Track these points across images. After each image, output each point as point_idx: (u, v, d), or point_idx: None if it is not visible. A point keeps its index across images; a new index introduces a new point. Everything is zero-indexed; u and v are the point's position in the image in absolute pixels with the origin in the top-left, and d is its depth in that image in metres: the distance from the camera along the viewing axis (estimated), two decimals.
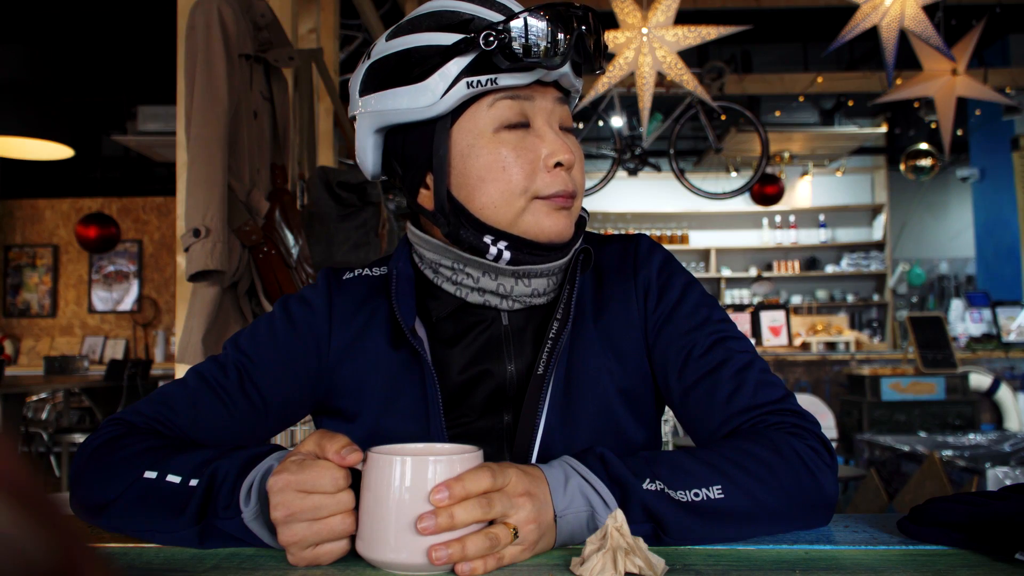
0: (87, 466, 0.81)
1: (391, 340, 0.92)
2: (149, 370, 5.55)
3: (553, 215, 0.88)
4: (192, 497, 0.72)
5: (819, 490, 0.78)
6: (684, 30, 4.27)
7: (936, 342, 4.67)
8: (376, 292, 0.96)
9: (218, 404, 0.89)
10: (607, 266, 0.98)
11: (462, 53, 0.84)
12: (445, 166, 0.89)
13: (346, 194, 2.46)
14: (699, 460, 0.75)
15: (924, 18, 3.88)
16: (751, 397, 0.85)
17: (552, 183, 0.88)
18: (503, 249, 0.88)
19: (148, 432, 0.84)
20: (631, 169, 6.87)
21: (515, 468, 0.69)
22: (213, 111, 1.80)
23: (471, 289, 0.91)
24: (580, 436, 0.88)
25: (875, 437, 3.82)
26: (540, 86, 0.89)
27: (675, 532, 0.71)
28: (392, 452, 0.69)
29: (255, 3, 2.04)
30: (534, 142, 0.89)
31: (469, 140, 0.88)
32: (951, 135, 4.98)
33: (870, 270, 8.99)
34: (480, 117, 0.87)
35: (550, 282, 0.92)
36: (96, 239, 7.05)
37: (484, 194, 0.88)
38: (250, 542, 0.72)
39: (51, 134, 4.30)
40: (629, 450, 0.90)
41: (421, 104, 0.86)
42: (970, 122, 7.90)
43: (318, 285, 0.97)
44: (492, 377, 0.90)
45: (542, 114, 0.89)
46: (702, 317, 0.93)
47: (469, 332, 0.92)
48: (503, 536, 0.65)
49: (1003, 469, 2.82)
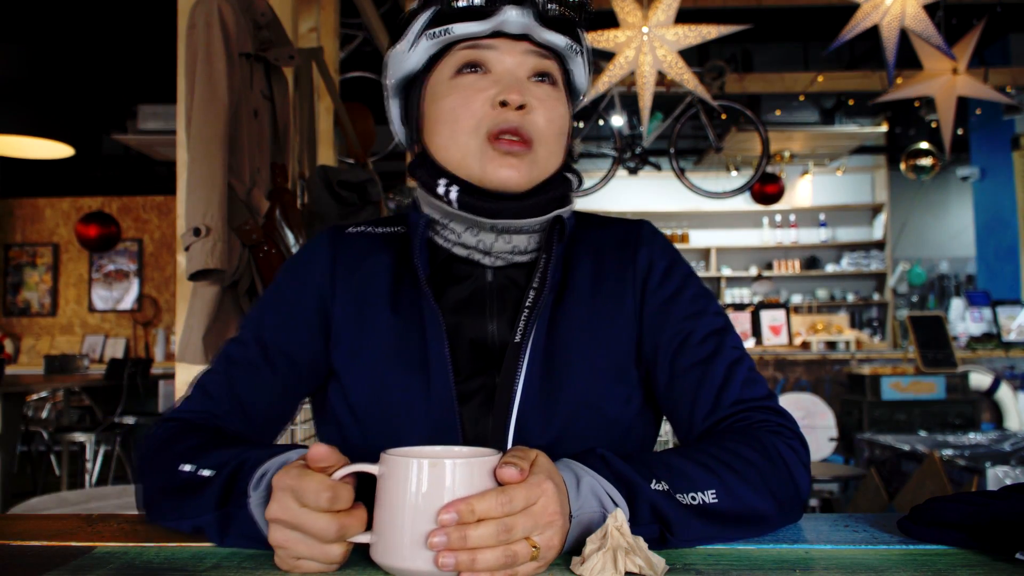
0: (142, 469, 0.84)
1: (391, 295, 0.93)
2: (149, 369, 5.55)
3: (499, 159, 0.88)
4: (215, 484, 0.72)
5: (797, 491, 0.80)
6: (684, 29, 4.26)
7: (936, 341, 4.67)
8: (379, 248, 0.97)
9: (250, 378, 0.90)
10: (607, 245, 0.98)
11: (424, 9, 0.91)
12: (418, 118, 0.95)
13: (346, 193, 2.46)
14: (693, 462, 0.75)
15: (925, 17, 3.88)
16: (739, 392, 0.87)
17: (496, 120, 0.88)
18: (451, 190, 0.89)
19: (195, 428, 0.85)
20: (631, 168, 6.87)
21: (552, 483, 0.64)
22: (213, 110, 1.80)
23: (455, 243, 0.93)
24: (560, 409, 0.88)
25: (875, 436, 3.82)
26: (507, 39, 0.90)
27: (680, 533, 0.70)
28: (408, 454, 0.65)
29: (255, 2, 2.04)
30: (487, 84, 0.90)
31: (434, 89, 0.93)
32: (951, 134, 4.98)
33: (870, 269, 8.99)
34: (444, 68, 0.92)
35: (531, 240, 0.92)
36: (96, 238, 7.06)
37: (439, 135, 0.91)
38: (260, 540, 0.69)
39: (51, 133, 4.30)
40: (610, 430, 0.91)
41: (399, 63, 0.94)
42: (970, 121, 7.89)
43: (321, 239, 0.98)
44: (471, 330, 0.91)
45: (505, 63, 0.90)
46: (701, 307, 0.94)
47: (456, 284, 0.93)
48: (522, 554, 0.61)
49: (1003, 468, 2.81)
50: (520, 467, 0.63)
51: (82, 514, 0.89)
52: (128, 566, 0.68)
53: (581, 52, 0.96)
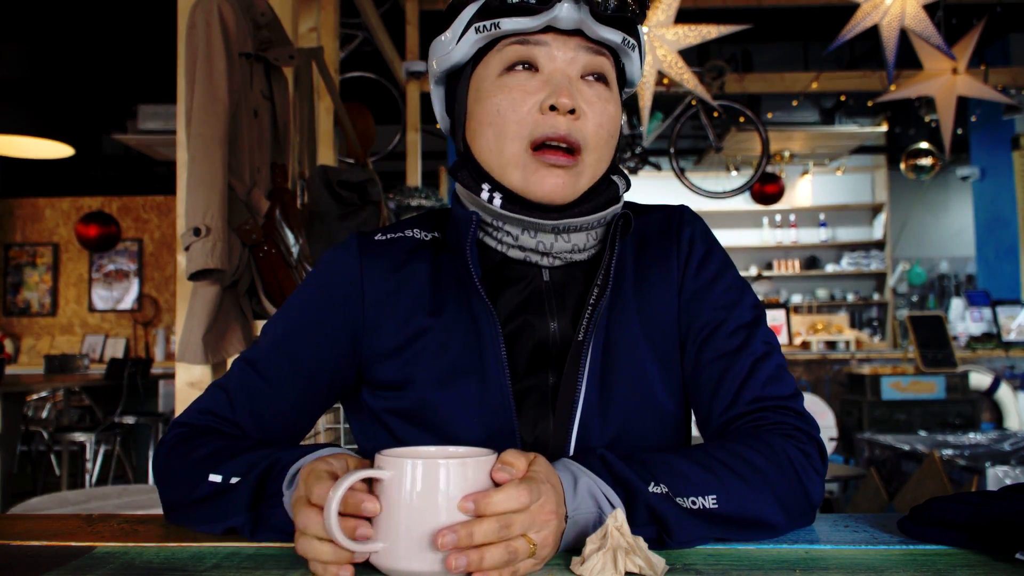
0: (162, 470, 0.83)
1: (432, 300, 0.90)
2: (149, 369, 5.55)
3: (541, 171, 0.84)
4: (246, 486, 0.73)
5: (807, 497, 0.78)
6: (684, 29, 4.27)
7: (936, 341, 4.67)
8: (412, 251, 0.93)
9: (269, 388, 0.88)
10: (649, 232, 0.96)
11: (473, 0, 0.86)
12: (463, 114, 0.91)
13: (346, 193, 2.46)
14: (697, 465, 0.74)
15: (925, 17, 3.88)
16: (760, 389, 0.85)
17: (543, 124, 0.83)
18: (494, 196, 0.86)
19: (212, 433, 0.84)
20: (631, 168, 6.87)
21: (549, 484, 0.65)
22: (213, 110, 1.80)
23: (510, 246, 0.89)
24: (616, 405, 0.86)
25: (875, 436, 3.82)
26: (559, 34, 0.85)
27: (679, 535, 0.70)
28: (403, 455, 0.65)
29: (255, 2, 2.04)
30: (537, 86, 0.85)
31: (479, 85, 0.88)
32: (951, 134, 4.98)
33: (870, 269, 8.99)
34: (491, 63, 0.87)
35: (590, 237, 0.90)
36: (96, 238, 7.05)
37: (483, 137, 0.87)
38: (290, 535, 0.67)
39: (51, 133, 4.30)
40: (664, 422, 0.89)
41: (445, 52, 0.89)
42: (970, 121, 7.89)
43: (349, 246, 0.94)
44: (535, 331, 0.88)
45: (556, 61, 0.85)
46: (735, 297, 0.92)
47: (512, 287, 0.90)
48: (522, 551, 0.62)
49: (1003, 468, 2.81)
50: (517, 467, 0.63)
51: (82, 514, 0.89)
52: (128, 566, 0.68)
53: (637, 47, 0.91)
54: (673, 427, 0.92)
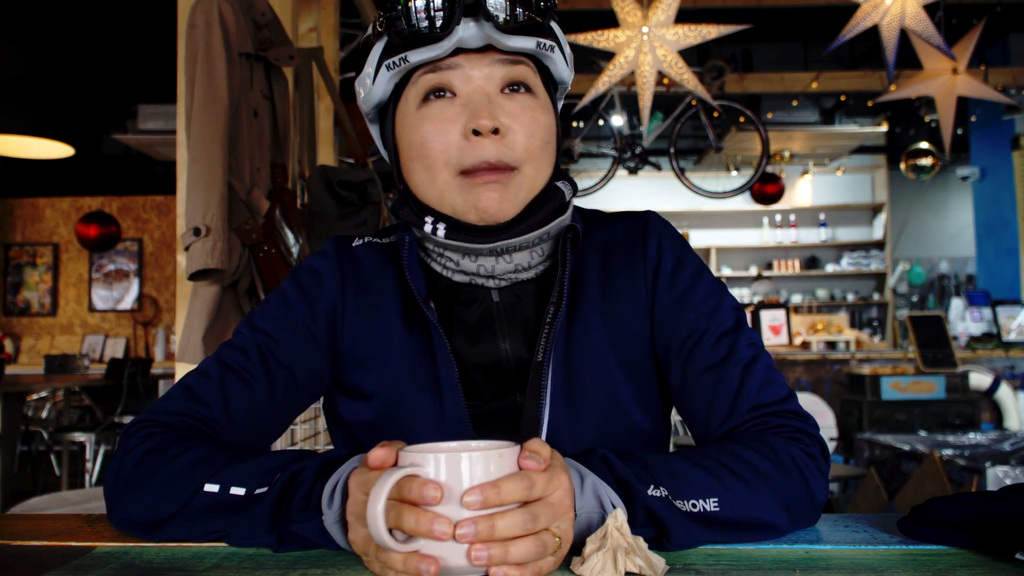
0: (132, 481, 0.75)
1: (403, 312, 0.90)
2: (149, 369, 5.55)
3: (477, 191, 0.82)
4: (263, 504, 0.69)
5: (811, 498, 0.77)
6: (684, 29, 4.27)
7: (936, 341, 4.67)
8: (387, 261, 0.94)
9: (247, 389, 0.86)
10: (614, 242, 0.94)
11: (379, 38, 0.87)
12: (393, 151, 0.91)
13: (346, 193, 2.46)
14: (698, 467, 0.74)
15: (925, 17, 3.88)
16: (756, 396, 0.84)
17: (469, 153, 0.81)
18: (438, 228, 0.85)
19: (190, 435, 0.80)
20: (631, 168, 6.87)
21: (566, 476, 0.65)
22: (213, 110, 1.80)
23: (454, 271, 0.89)
24: (587, 424, 0.86)
25: (875, 436, 3.83)
26: (471, 53, 0.83)
27: (677, 539, 0.70)
28: (425, 451, 0.64)
29: (255, 2, 2.04)
30: (456, 112, 0.83)
31: (403, 121, 0.87)
32: (951, 134, 4.98)
33: (870, 269, 8.99)
34: (410, 97, 0.86)
35: (534, 255, 0.88)
36: (96, 238, 7.06)
37: (415, 172, 0.86)
38: (324, 546, 0.69)
39: (51, 133, 4.30)
40: (638, 439, 0.88)
41: (367, 92, 0.89)
42: (970, 121, 7.90)
43: (327, 253, 0.95)
44: (488, 353, 0.88)
45: (472, 81, 0.83)
46: (714, 304, 0.90)
47: (464, 308, 0.90)
48: (550, 544, 0.60)
49: (1003, 468, 2.82)
50: (543, 456, 0.63)
51: (82, 514, 0.88)
52: (128, 566, 0.68)
53: (557, 46, 0.87)
54: (649, 445, 0.90)
